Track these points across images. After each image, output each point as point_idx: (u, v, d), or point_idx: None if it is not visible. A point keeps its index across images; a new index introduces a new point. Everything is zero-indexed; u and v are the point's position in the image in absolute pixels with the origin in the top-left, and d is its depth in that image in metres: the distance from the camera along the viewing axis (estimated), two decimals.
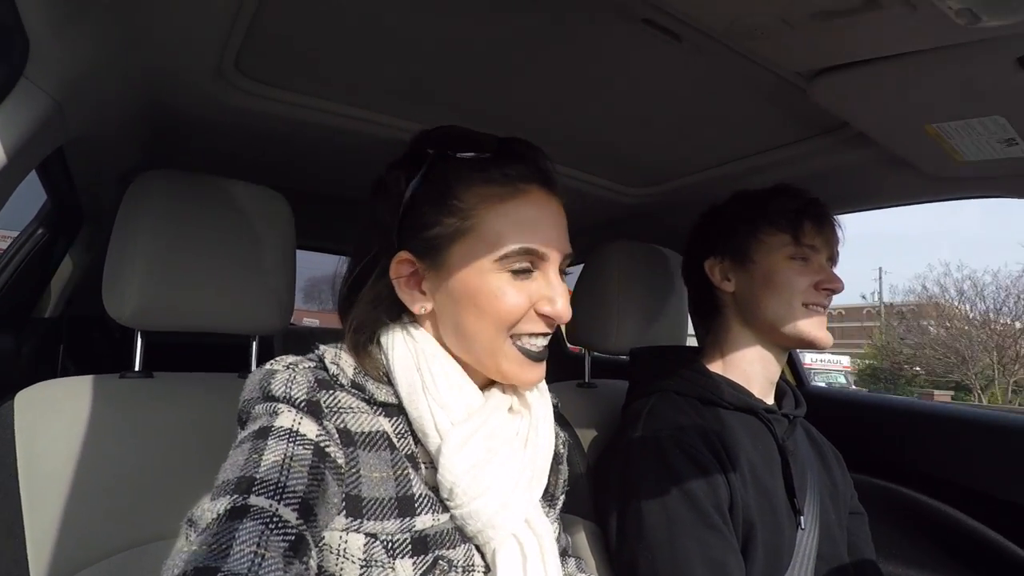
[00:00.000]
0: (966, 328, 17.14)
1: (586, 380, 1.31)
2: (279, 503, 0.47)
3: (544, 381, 0.69)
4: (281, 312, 0.92)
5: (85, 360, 1.71)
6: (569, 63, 0.81)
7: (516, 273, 0.61)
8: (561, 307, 0.62)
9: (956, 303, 17.81)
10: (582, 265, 1.31)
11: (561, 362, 2.27)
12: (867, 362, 21.10)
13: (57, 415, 0.75)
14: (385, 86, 0.90)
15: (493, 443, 0.60)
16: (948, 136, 0.78)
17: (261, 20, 0.72)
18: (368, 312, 0.63)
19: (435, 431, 0.58)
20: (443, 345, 0.64)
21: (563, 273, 0.65)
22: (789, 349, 1.01)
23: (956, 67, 0.62)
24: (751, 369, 0.97)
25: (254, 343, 0.95)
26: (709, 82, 0.82)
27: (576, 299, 1.28)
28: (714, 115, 0.94)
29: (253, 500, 0.46)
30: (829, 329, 0.94)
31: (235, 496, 0.46)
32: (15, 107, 0.64)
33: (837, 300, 0.98)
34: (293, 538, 0.45)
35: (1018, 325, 16.48)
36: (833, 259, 0.96)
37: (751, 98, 0.85)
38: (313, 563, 0.47)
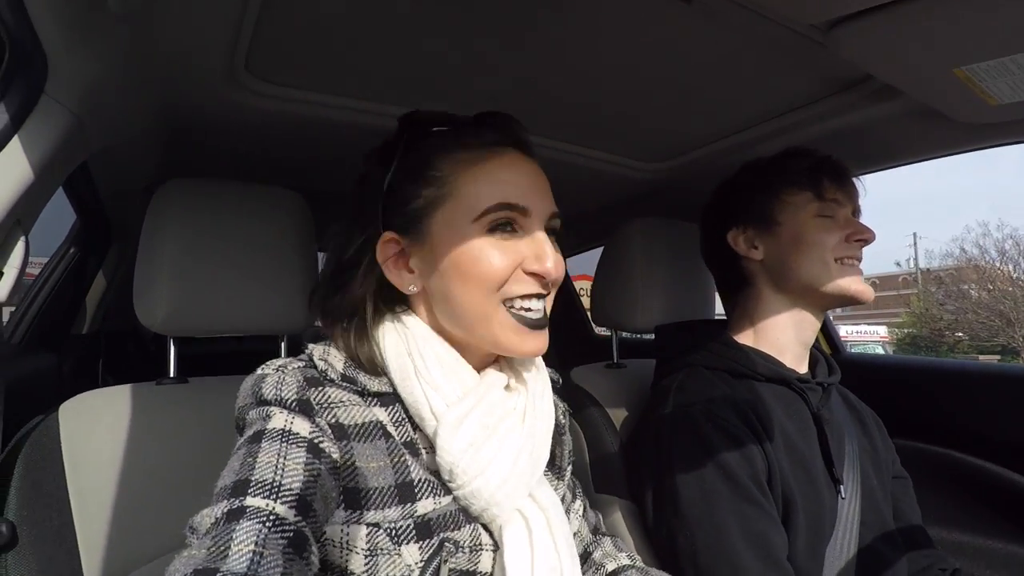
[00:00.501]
0: (1010, 289, 16.52)
1: (614, 361, 1.30)
2: (275, 502, 0.47)
3: (541, 359, 0.69)
4: (306, 310, 0.93)
5: (123, 372, 1.77)
6: (577, 37, 0.80)
7: (498, 232, 0.61)
8: (550, 264, 0.60)
9: (998, 264, 17.16)
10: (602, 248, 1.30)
11: (589, 346, 2.27)
12: (906, 331, 20.50)
13: (99, 424, 0.78)
14: (395, 76, 0.90)
15: (490, 420, 0.60)
16: (980, 79, 0.74)
17: (266, 20, 0.72)
18: (359, 303, 0.64)
19: (431, 414, 0.58)
20: (437, 328, 0.64)
21: (553, 234, 0.64)
22: (828, 309, 0.97)
23: (986, 2, 0.59)
24: (784, 337, 0.95)
25: (283, 343, 0.97)
26: (721, 45, 0.79)
27: (598, 279, 1.27)
28: (729, 80, 0.91)
29: (249, 501, 0.46)
30: None
31: (232, 499, 0.47)
32: (38, 124, 0.66)
33: (870, 270, 0.96)
34: (292, 535, 0.46)
35: None
36: (857, 212, 0.94)
37: (766, 58, 0.82)
38: (315, 559, 0.48)
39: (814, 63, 0.82)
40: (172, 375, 0.89)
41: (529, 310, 0.62)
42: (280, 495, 0.48)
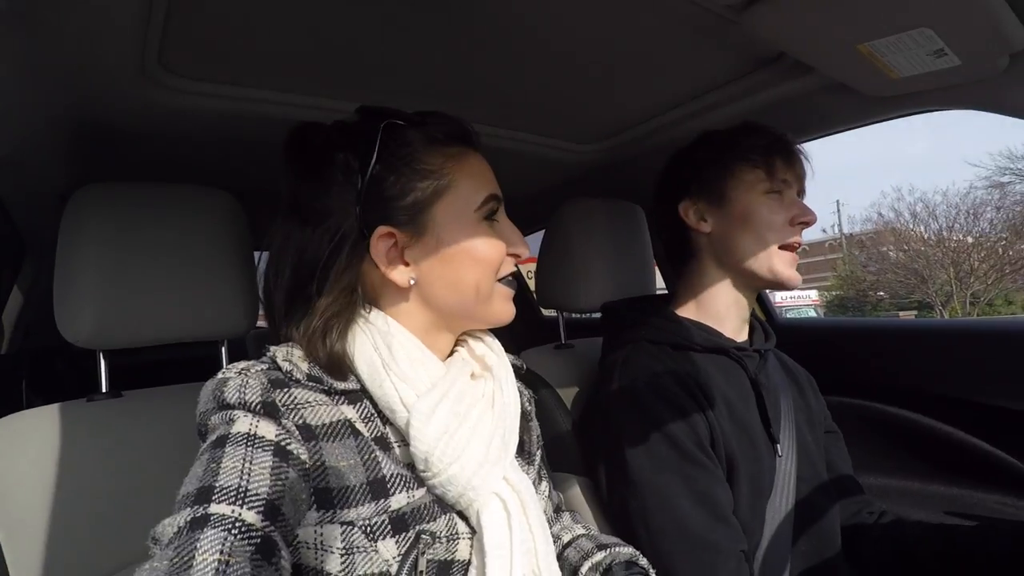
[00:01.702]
0: (922, 248, 17.79)
1: (562, 341, 1.33)
2: (241, 507, 0.46)
3: (500, 346, 0.73)
4: (246, 312, 0.90)
5: (52, 392, 1.66)
6: (506, 19, 0.80)
7: (490, 221, 0.67)
8: (523, 249, 0.69)
9: (911, 226, 18.42)
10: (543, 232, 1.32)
11: (539, 328, 2.29)
12: (834, 293, 21.79)
13: (26, 446, 0.73)
14: (316, 66, 0.87)
15: (461, 407, 0.61)
16: (881, 54, 0.79)
17: (177, 10, 0.68)
18: (339, 304, 0.62)
19: (401, 406, 0.59)
20: (404, 322, 0.64)
21: None
22: (759, 290, 1.02)
23: None
24: (724, 311, 0.99)
25: (223, 348, 0.94)
26: (644, 25, 0.81)
27: (541, 262, 1.28)
28: (653, 60, 0.93)
29: (214, 508, 0.45)
30: (797, 266, 0.96)
31: (195, 507, 0.46)
32: None
33: (801, 236, 0.99)
34: (260, 541, 0.45)
35: (970, 240, 17.16)
36: (802, 192, 0.97)
37: (687, 37, 0.85)
38: (286, 564, 0.47)
39: (732, 42, 0.85)
40: (104, 390, 0.85)
41: (511, 283, 0.70)
42: (247, 500, 0.47)
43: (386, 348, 0.61)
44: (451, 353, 0.70)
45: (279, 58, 0.83)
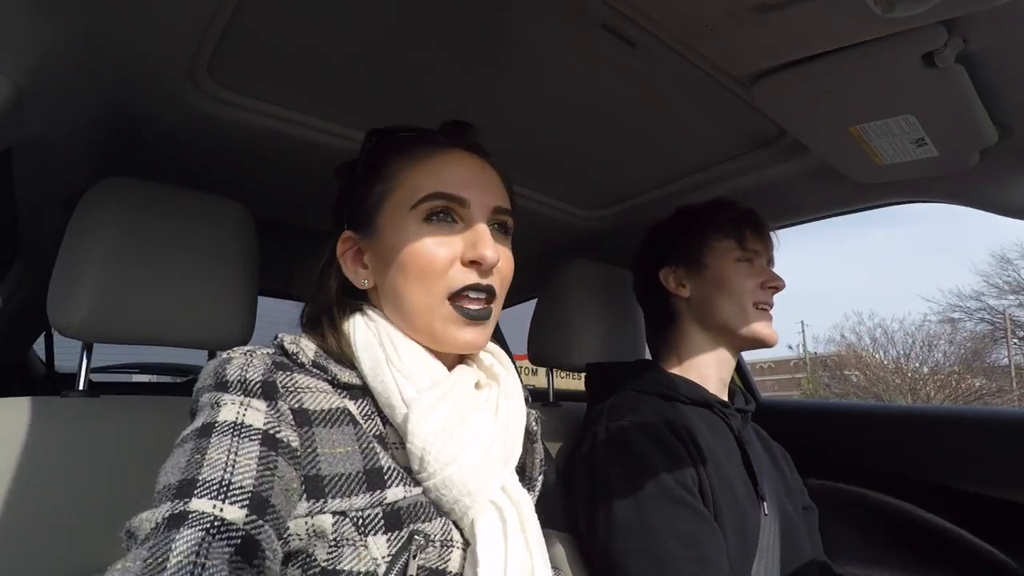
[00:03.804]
0: (881, 374, 18.29)
1: (550, 399, 1.31)
2: (224, 502, 0.44)
3: (511, 363, 0.71)
4: (243, 325, 0.88)
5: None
6: (530, 79, 0.87)
7: (434, 222, 0.62)
8: (488, 252, 0.60)
9: (871, 350, 19.03)
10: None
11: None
12: None
13: None
14: (351, 102, 0.92)
15: (462, 408, 0.59)
16: (869, 138, 0.88)
17: (238, 23, 0.73)
18: (326, 298, 0.66)
19: (401, 401, 0.57)
20: (399, 324, 0.65)
21: (503, 230, 0.67)
22: (742, 349, 1.07)
23: (871, 65, 0.71)
24: (707, 370, 1.03)
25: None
26: (656, 93, 0.89)
27: (536, 319, 1.30)
28: (663, 130, 1.01)
29: (194, 504, 0.43)
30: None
31: (175, 501, 0.43)
32: None
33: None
34: (240, 541, 0.43)
35: (925, 369, 17.75)
36: (771, 262, 1.06)
37: (697, 109, 0.93)
38: (270, 563, 0.44)
39: (739, 118, 0.94)
40: (82, 387, 0.81)
41: (470, 304, 0.62)
42: (230, 495, 0.44)
43: (390, 343, 0.61)
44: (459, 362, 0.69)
45: (322, 87, 0.88)
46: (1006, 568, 1.09)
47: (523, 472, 0.71)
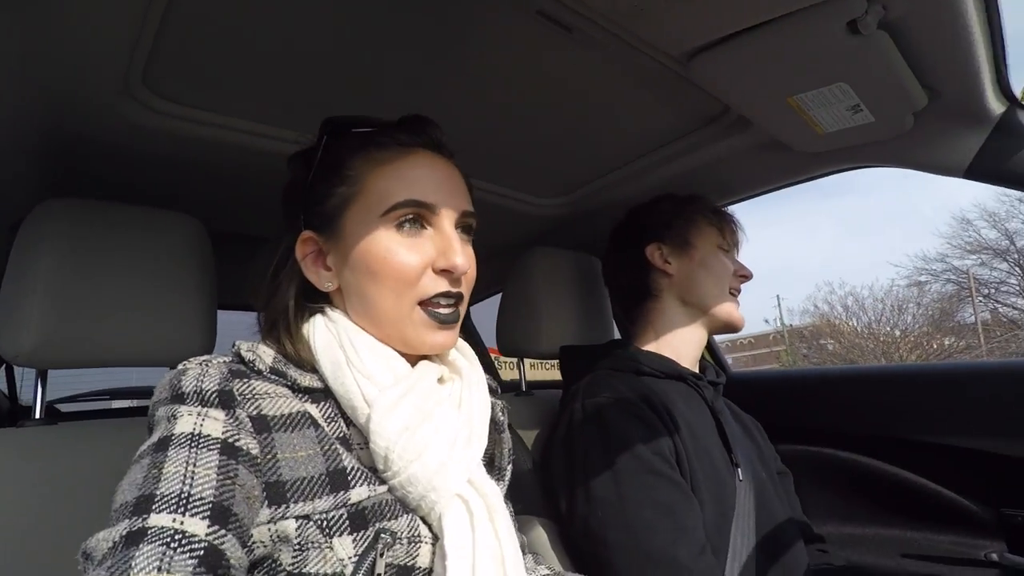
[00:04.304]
0: (857, 341, 18.77)
1: (523, 389, 1.32)
2: (184, 515, 0.44)
3: (473, 353, 0.71)
4: (203, 340, 0.87)
5: None
6: (473, 70, 0.86)
7: (405, 229, 0.62)
8: (459, 260, 0.62)
9: (844, 318, 19.51)
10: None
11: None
12: None
13: None
14: (294, 104, 0.91)
15: (425, 405, 0.59)
16: (807, 108, 0.90)
17: (170, 30, 0.71)
18: (284, 300, 0.64)
19: (363, 402, 0.57)
20: (360, 324, 0.64)
21: (467, 233, 0.68)
22: (714, 331, 1.10)
23: (800, 35, 0.73)
24: (682, 347, 1.06)
25: None
26: (600, 77, 0.90)
27: (503, 310, 1.30)
28: (610, 114, 1.02)
29: (153, 520, 0.43)
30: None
31: (133, 519, 0.43)
32: None
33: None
34: (203, 552, 0.42)
35: (897, 332, 18.27)
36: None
37: (640, 91, 0.94)
38: (237, 572, 0.45)
39: (682, 96, 0.95)
40: (38, 416, 0.79)
41: (441, 308, 0.64)
42: (190, 507, 0.44)
43: (350, 344, 0.61)
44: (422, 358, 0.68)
45: (263, 91, 0.87)
46: (971, 514, 1.13)
47: (492, 463, 0.71)
